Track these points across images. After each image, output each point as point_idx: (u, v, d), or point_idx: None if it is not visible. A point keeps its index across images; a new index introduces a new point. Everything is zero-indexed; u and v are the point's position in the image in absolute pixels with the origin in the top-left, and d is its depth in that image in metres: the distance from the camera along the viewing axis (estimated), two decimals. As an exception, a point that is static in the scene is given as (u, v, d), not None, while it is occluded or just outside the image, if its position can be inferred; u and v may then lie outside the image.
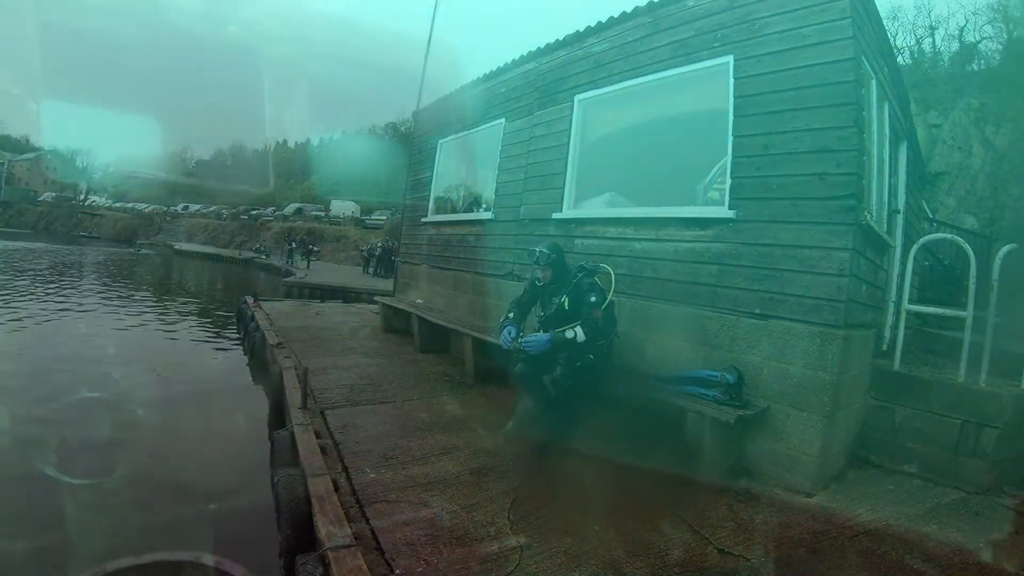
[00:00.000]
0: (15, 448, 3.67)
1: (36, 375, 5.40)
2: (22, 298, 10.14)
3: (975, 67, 20.54)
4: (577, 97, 4.83)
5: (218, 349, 7.70)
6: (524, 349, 3.31)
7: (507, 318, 3.55)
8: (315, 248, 24.12)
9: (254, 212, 40.07)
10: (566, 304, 3.31)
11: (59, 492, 3.07)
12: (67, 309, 9.54)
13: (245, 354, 7.03)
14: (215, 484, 3.43)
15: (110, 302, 11.19)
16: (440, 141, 7.30)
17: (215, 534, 2.88)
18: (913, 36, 22.96)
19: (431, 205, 7.45)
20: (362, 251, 23.43)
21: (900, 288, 4.11)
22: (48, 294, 11.10)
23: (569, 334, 3.18)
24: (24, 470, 3.29)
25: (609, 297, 3.37)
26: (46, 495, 3.05)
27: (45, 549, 2.60)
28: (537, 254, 3.39)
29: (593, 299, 3.22)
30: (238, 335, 8.34)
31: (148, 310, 10.72)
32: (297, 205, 39.87)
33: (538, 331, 3.44)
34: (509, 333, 3.46)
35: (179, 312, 10.88)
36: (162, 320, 9.63)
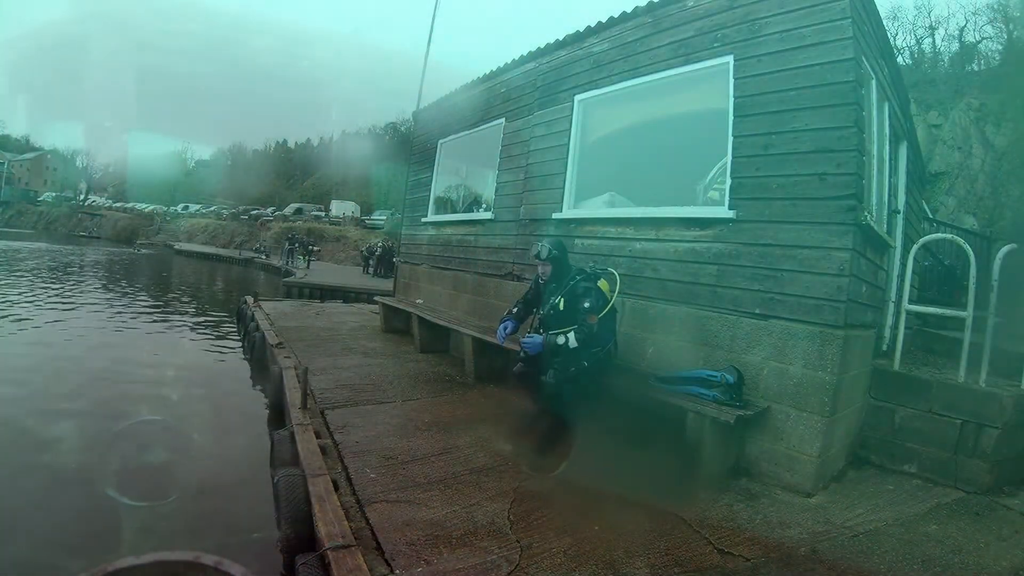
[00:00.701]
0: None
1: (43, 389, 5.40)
2: (19, 299, 10.14)
3: (975, 67, 20.56)
4: (577, 97, 4.83)
5: (218, 349, 7.70)
6: (522, 347, 3.31)
7: (510, 313, 3.56)
8: (315, 248, 24.12)
9: (254, 212, 40.07)
10: (560, 305, 3.26)
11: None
12: (61, 309, 9.53)
13: (245, 354, 7.03)
14: (215, 483, 3.43)
15: (110, 302, 11.19)
16: (440, 141, 7.30)
17: (215, 534, 2.89)
18: (913, 36, 23.01)
19: (431, 205, 7.45)
20: (362, 251, 23.43)
21: (900, 288, 4.12)
22: (48, 295, 11.10)
23: (560, 339, 3.12)
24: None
25: (612, 302, 3.29)
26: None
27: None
28: (539, 248, 3.33)
29: (587, 305, 3.12)
30: (238, 335, 8.34)
31: (147, 309, 10.71)
32: (297, 205, 39.90)
33: (537, 330, 3.43)
34: (505, 329, 3.46)
35: (178, 311, 10.87)
36: (161, 320, 9.63)
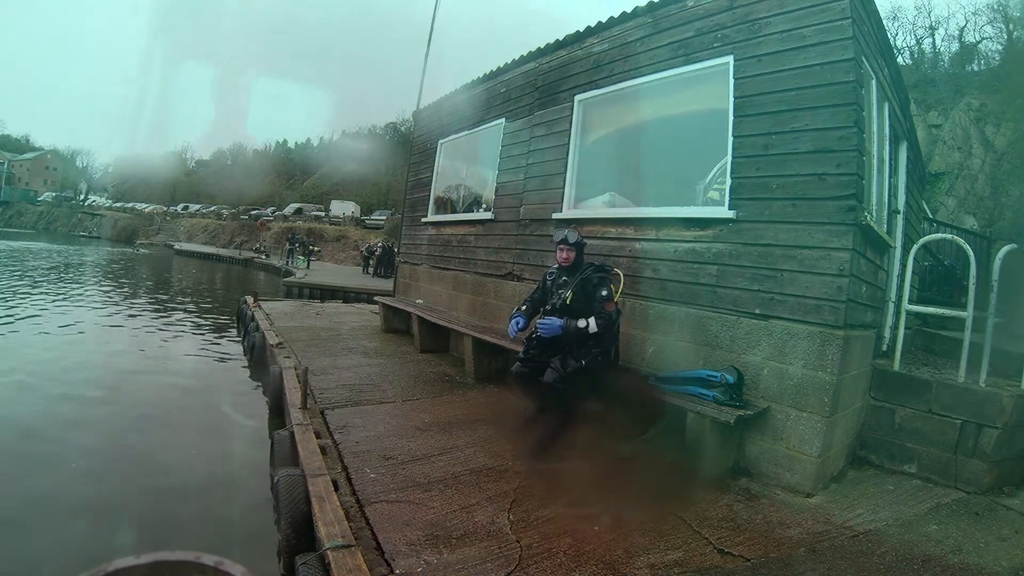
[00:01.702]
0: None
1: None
2: (19, 299, 10.14)
3: (975, 67, 20.60)
4: (577, 97, 4.83)
5: (217, 348, 7.69)
6: (538, 329, 3.32)
7: (519, 310, 3.59)
8: (315, 248, 24.13)
9: (254, 212, 40.09)
10: (569, 299, 3.30)
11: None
12: (59, 309, 9.53)
13: (245, 354, 7.03)
14: (215, 483, 3.43)
15: (109, 302, 11.18)
16: (440, 141, 7.30)
17: (215, 534, 2.89)
18: (913, 36, 23.08)
19: (431, 205, 7.45)
20: (362, 251, 23.44)
21: (900, 288, 4.11)
22: (48, 295, 11.10)
23: (582, 323, 3.17)
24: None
25: (616, 299, 3.32)
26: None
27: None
28: (565, 233, 3.39)
29: (604, 293, 3.21)
30: (238, 335, 8.34)
31: (146, 309, 10.70)
32: (297, 205, 39.90)
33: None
34: (516, 324, 3.50)
35: (178, 311, 10.86)
36: (160, 319, 9.62)
